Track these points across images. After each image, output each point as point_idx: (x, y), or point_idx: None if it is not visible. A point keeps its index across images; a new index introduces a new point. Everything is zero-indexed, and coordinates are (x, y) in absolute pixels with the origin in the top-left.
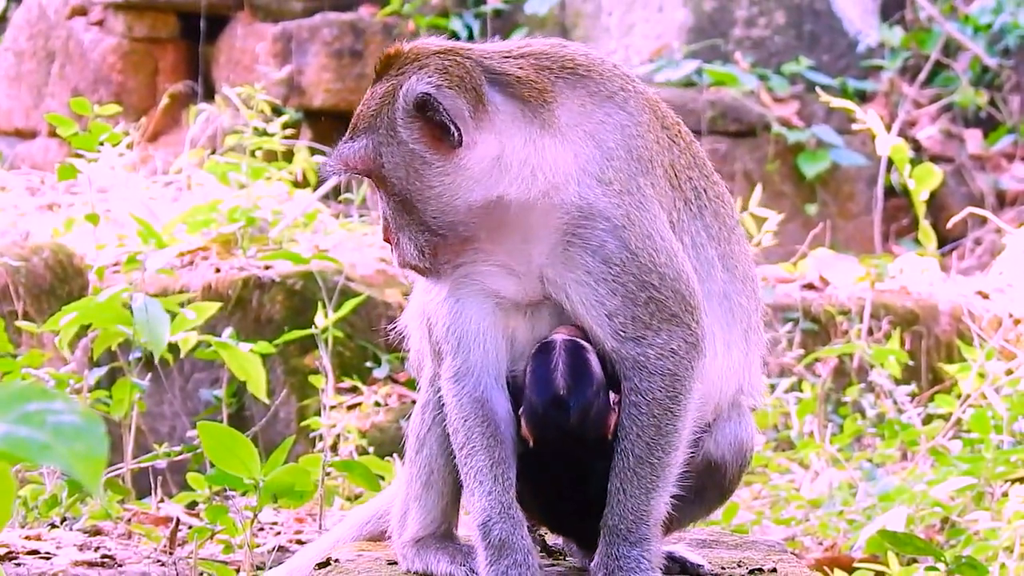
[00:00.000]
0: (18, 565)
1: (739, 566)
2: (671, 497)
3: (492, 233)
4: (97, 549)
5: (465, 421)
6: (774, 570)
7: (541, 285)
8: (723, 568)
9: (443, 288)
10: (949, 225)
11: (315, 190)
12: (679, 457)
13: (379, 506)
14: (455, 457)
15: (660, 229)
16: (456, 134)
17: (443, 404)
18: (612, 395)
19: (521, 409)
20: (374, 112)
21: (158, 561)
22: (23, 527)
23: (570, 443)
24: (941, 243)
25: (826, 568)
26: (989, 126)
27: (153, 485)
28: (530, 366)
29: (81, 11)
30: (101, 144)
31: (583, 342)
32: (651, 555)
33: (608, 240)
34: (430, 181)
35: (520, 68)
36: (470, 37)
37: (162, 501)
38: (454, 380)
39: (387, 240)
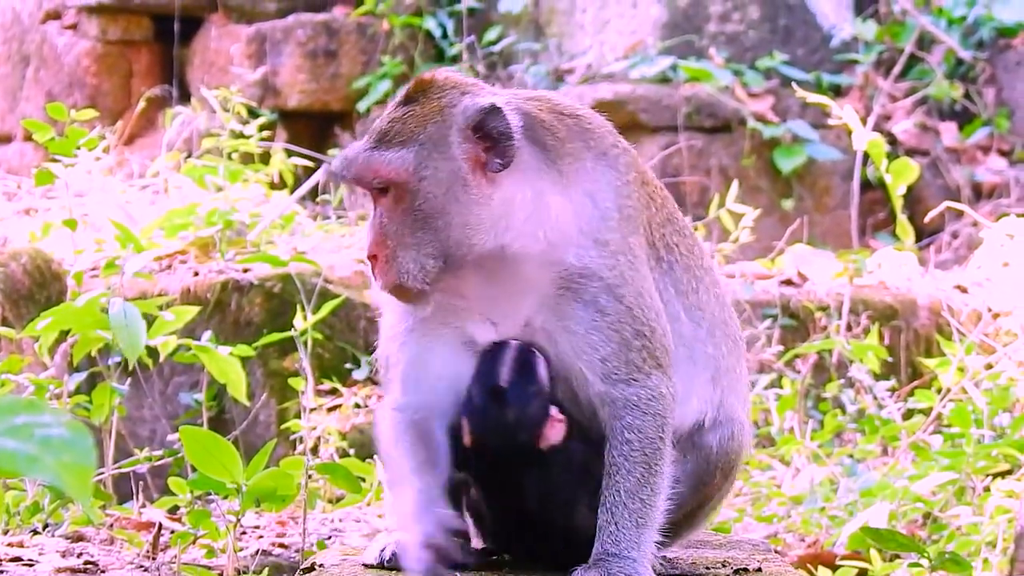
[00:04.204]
0: (1, 572)
1: (724, 566)
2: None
3: (484, 279)
4: (80, 555)
5: (397, 444)
6: (759, 569)
7: (522, 331)
8: (708, 568)
9: (411, 322)
10: (926, 219)
11: (292, 192)
12: (662, 503)
13: None
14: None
15: (649, 288)
16: (512, 148)
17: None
18: (554, 409)
19: (462, 405)
20: (417, 127)
21: (141, 566)
22: (5, 533)
23: (505, 445)
24: (918, 236)
25: (809, 565)
26: (964, 119)
27: (135, 490)
28: (478, 361)
29: (55, 15)
30: (78, 148)
31: (535, 349)
32: (643, 566)
33: (601, 296)
34: (464, 207)
35: (540, 110)
36: (444, 36)
37: (144, 506)
38: (397, 410)
39: (373, 256)
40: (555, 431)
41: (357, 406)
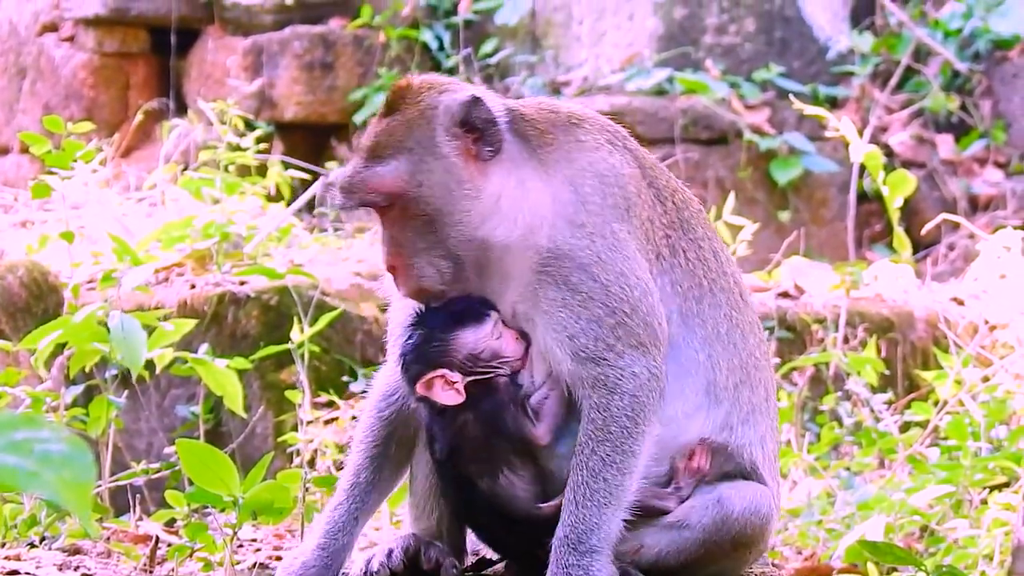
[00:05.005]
0: None
1: None
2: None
3: (478, 271)
4: (77, 568)
5: (362, 439)
6: None
7: (511, 321)
8: None
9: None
10: (923, 232)
11: (289, 204)
12: (632, 483)
13: None
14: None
15: (635, 269)
16: (498, 132)
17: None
18: (452, 373)
19: None
20: (403, 135)
21: None
22: (2, 547)
23: (402, 372)
24: (914, 249)
25: None
26: (961, 131)
27: (131, 503)
28: None
29: (52, 27)
30: (75, 161)
31: (499, 319)
32: (601, 565)
33: (574, 274)
34: (461, 203)
35: (526, 107)
36: (441, 48)
37: (141, 519)
38: (384, 397)
39: (392, 268)
40: (439, 389)
41: (354, 419)
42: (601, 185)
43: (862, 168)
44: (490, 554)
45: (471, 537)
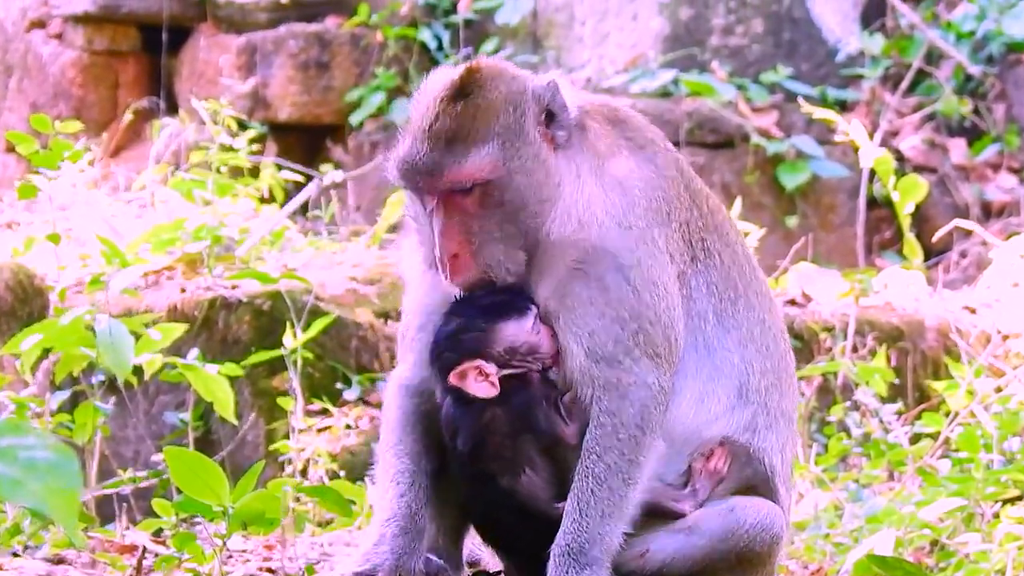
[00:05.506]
0: None
1: None
2: None
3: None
4: None
5: (394, 430)
6: None
7: (545, 318)
8: None
9: (435, 302)
10: (935, 239)
11: (282, 206)
12: (635, 495)
13: None
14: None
15: (666, 281)
16: (569, 116)
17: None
18: (489, 365)
19: None
20: (490, 119)
21: None
22: None
23: (433, 359)
24: (925, 256)
25: None
26: (973, 135)
27: (118, 511)
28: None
29: (40, 24)
30: (62, 161)
31: (536, 315)
32: (602, 572)
33: (610, 273)
34: (545, 190)
35: (581, 98)
36: (440, 48)
37: (127, 528)
38: (405, 385)
39: (456, 256)
40: (472, 380)
41: (348, 427)
42: (647, 188)
43: (872, 173)
44: (489, 565)
45: (468, 546)
